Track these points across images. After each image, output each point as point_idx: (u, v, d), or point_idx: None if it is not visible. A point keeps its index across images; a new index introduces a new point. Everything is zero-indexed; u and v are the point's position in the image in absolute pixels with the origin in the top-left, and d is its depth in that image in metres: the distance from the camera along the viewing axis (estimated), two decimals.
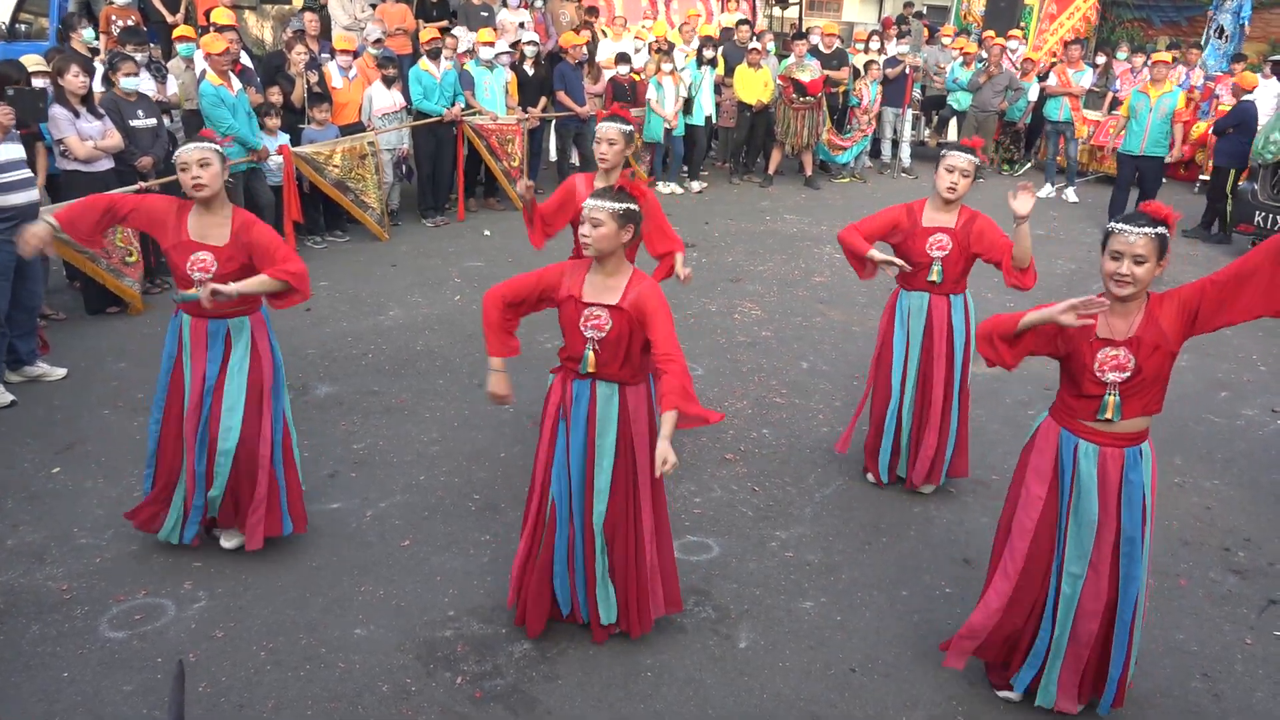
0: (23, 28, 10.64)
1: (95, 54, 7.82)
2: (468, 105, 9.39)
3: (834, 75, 11.66)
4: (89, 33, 7.72)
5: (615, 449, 3.33)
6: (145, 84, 7.11)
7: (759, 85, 11.08)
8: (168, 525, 3.95)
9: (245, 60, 8.39)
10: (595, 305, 3.21)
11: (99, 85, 6.87)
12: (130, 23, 8.67)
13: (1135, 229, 2.83)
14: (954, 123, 12.35)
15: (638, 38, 11.82)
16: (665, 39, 11.32)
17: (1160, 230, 2.84)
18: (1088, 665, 3.19)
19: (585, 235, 3.16)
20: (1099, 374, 2.93)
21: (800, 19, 17.79)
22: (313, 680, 3.37)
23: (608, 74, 10.77)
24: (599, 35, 11.77)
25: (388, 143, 8.87)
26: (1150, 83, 9.39)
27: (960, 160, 4.21)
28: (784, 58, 11.81)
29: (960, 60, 12.26)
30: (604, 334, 3.22)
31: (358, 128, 8.75)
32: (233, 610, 3.71)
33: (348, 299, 7.25)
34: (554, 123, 10.58)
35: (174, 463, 3.92)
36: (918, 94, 12.91)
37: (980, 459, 4.92)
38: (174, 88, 7.84)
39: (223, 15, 8.45)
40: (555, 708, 3.28)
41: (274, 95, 8.21)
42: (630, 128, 4.51)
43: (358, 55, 9.11)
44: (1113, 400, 2.94)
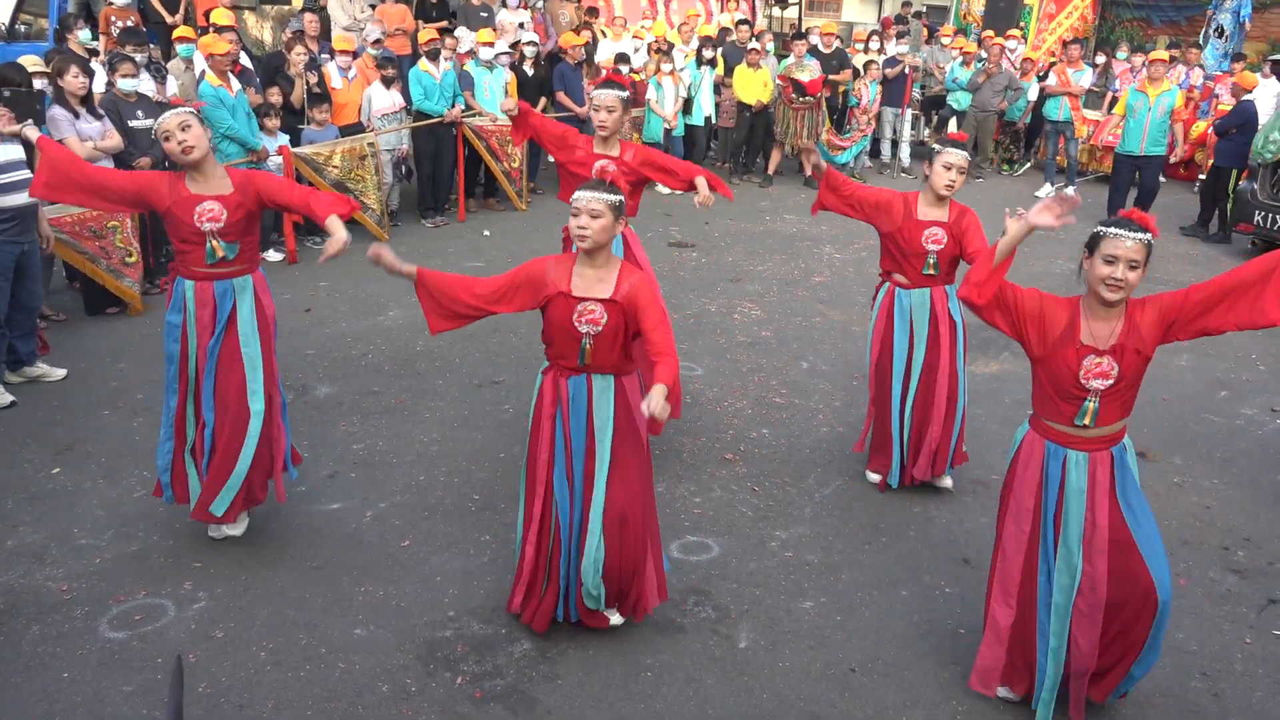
0: (22, 28, 10.65)
1: (92, 55, 7.82)
2: (467, 106, 9.39)
3: (837, 79, 11.67)
4: (85, 34, 7.72)
5: (612, 439, 3.30)
6: (145, 85, 7.12)
7: (758, 85, 11.08)
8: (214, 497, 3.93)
9: (245, 61, 8.40)
10: (588, 300, 3.18)
11: (99, 86, 6.88)
12: (129, 23, 8.68)
13: (1130, 234, 2.84)
14: (954, 122, 12.34)
15: (635, 37, 11.82)
16: (664, 39, 11.32)
17: (1149, 237, 2.87)
18: (1103, 668, 3.14)
19: (584, 228, 3.12)
20: (1084, 381, 2.93)
21: (800, 19, 17.80)
22: (313, 680, 3.37)
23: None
24: (599, 36, 11.77)
25: (387, 143, 8.87)
26: (1148, 81, 9.35)
27: (958, 158, 4.26)
28: (783, 58, 11.81)
29: (960, 60, 12.27)
30: (599, 328, 3.18)
31: (357, 128, 8.75)
32: (233, 610, 3.71)
33: (347, 299, 7.25)
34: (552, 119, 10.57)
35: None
36: (917, 94, 12.92)
37: (980, 459, 4.93)
38: (174, 88, 7.84)
39: (222, 16, 8.46)
40: (555, 708, 3.28)
41: (274, 96, 8.21)
42: (627, 93, 4.54)
43: (357, 56, 9.12)
44: (1092, 406, 2.96)
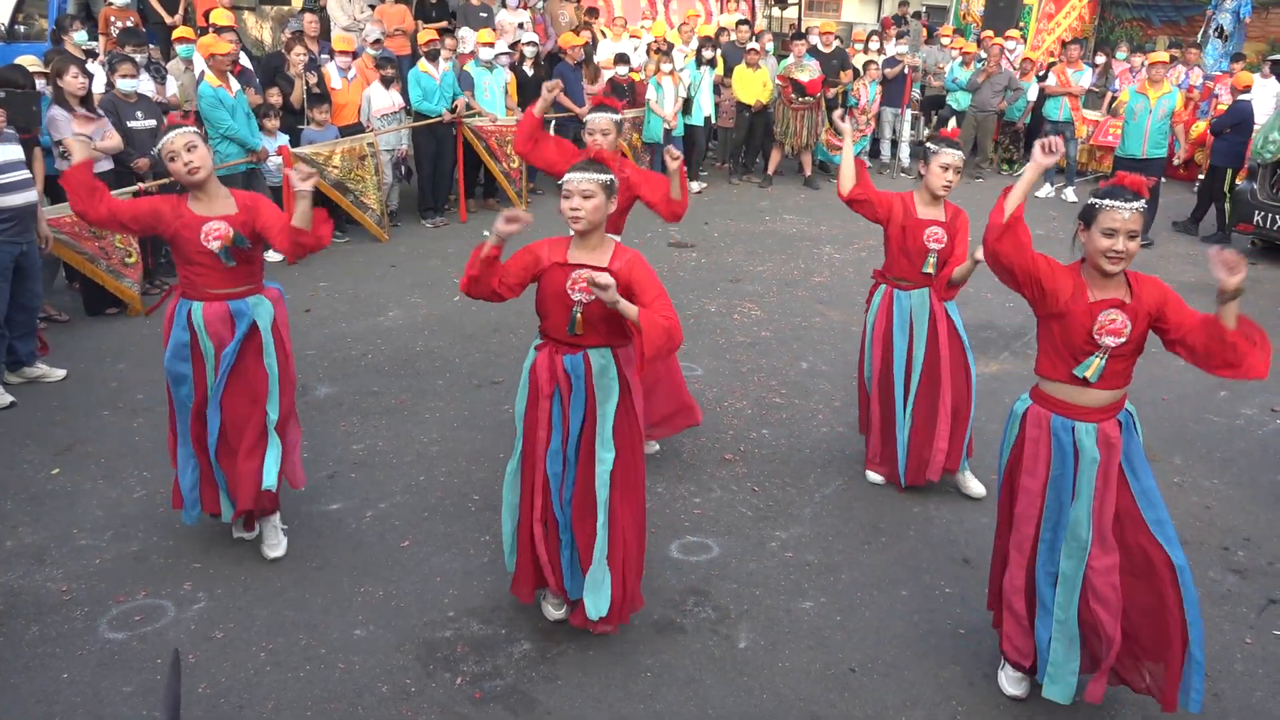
0: (21, 29, 10.65)
1: (89, 56, 7.82)
2: (468, 106, 9.39)
3: (838, 80, 11.66)
4: (81, 35, 7.70)
5: (616, 413, 3.28)
6: (145, 85, 7.12)
7: (757, 85, 11.09)
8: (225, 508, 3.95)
9: (244, 61, 8.40)
10: (583, 267, 3.13)
11: (99, 87, 6.88)
12: (129, 24, 8.68)
13: (1127, 204, 2.84)
14: (953, 123, 12.35)
15: (633, 36, 11.82)
16: (664, 39, 11.33)
17: (1144, 203, 2.88)
18: (1131, 650, 3.10)
19: (576, 208, 3.10)
20: (1097, 335, 2.92)
21: (799, 19, 17.80)
22: (312, 681, 3.37)
23: (606, 74, 10.77)
24: (598, 36, 11.78)
25: (386, 143, 8.87)
26: (1148, 83, 9.28)
27: (954, 158, 4.29)
28: (783, 58, 11.82)
29: (959, 60, 12.27)
30: (593, 296, 3.11)
31: (357, 129, 8.75)
32: (232, 611, 3.71)
33: (347, 300, 7.25)
34: (553, 123, 10.58)
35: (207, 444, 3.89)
36: (917, 94, 12.92)
37: (980, 459, 4.92)
38: (173, 89, 7.85)
39: (222, 16, 8.46)
40: (555, 708, 3.28)
41: (273, 96, 8.21)
42: (620, 116, 4.53)
43: (356, 56, 9.12)
44: (1098, 362, 2.94)
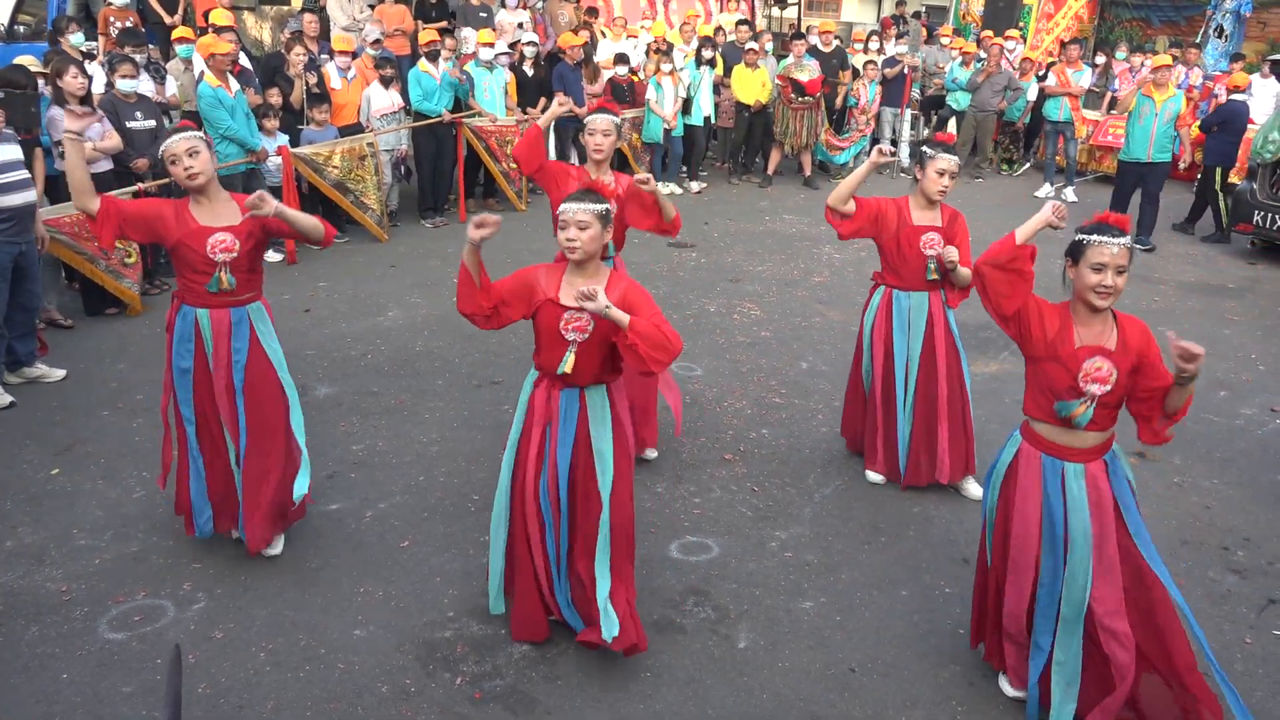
0: (21, 29, 10.64)
1: (86, 57, 7.82)
2: (466, 105, 9.40)
3: (838, 80, 11.67)
4: (78, 37, 7.70)
5: (614, 450, 3.29)
6: (144, 85, 7.12)
7: (756, 85, 11.08)
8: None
9: (244, 61, 8.40)
10: (575, 309, 3.14)
11: (98, 87, 6.88)
12: (128, 24, 8.67)
13: (1115, 240, 2.87)
14: (953, 123, 12.36)
15: (630, 36, 11.81)
16: (664, 39, 11.32)
17: (1130, 240, 2.91)
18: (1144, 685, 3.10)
19: (572, 239, 3.10)
20: (1082, 384, 2.94)
21: (799, 19, 17.80)
22: (312, 681, 3.37)
23: (606, 74, 10.77)
24: (598, 36, 11.77)
25: (386, 144, 8.87)
26: (1153, 86, 9.05)
27: (950, 163, 4.29)
28: (782, 58, 11.82)
29: (959, 60, 12.27)
30: (586, 335, 3.16)
31: (356, 129, 8.75)
32: (232, 611, 3.71)
33: (347, 300, 7.25)
34: (553, 123, 10.57)
35: (221, 456, 3.89)
36: (916, 94, 12.93)
37: (980, 459, 4.91)
38: (173, 89, 7.85)
39: (221, 16, 8.46)
40: (555, 708, 3.28)
41: (273, 96, 8.21)
42: (619, 119, 4.53)
43: (356, 56, 9.12)
44: (1082, 409, 2.95)
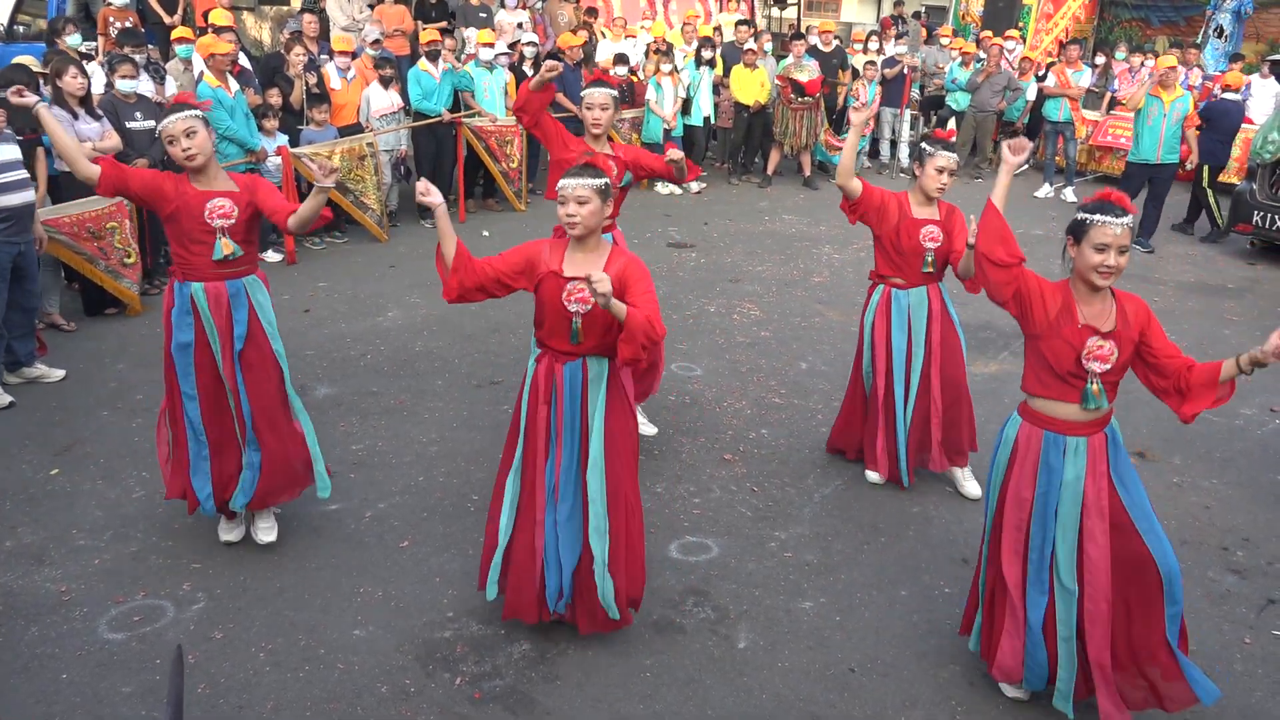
0: (21, 29, 10.64)
1: (84, 58, 7.81)
2: (466, 104, 9.40)
3: (837, 80, 11.67)
4: (75, 38, 7.69)
5: (604, 421, 3.29)
6: (144, 85, 7.12)
7: (755, 86, 11.08)
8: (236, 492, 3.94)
9: (243, 61, 8.39)
10: (578, 279, 3.16)
11: (98, 87, 6.88)
12: (128, 24, 8.67)
13: (1117, 219, 2.89)
14: (953, 123, 12.36)
15: (629, 36, 11.80)
16: (664, 39, 11.33)
17: (1132, 219, 2.93)
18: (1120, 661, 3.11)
19: (572, 214, 3.13)
20: (1085, 362, 2.95)
21: (799, 19, 17.80)
22: (312, 681, 3.37)
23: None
24: (598, 36, 11.77)
25: (386, 144, 8.87)
26: (1160, 87, 8.94)
27: (949, 161, 4.31)
28: (782, 58, 11.82)
29: (959, 60, 12.28)
30: (589, 307, 3.17)
31: (356, 129, 8.75)
32: (231, 611, 3.71)
33: (346, 300, 7.25)
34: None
35: (226, 430, 3.88)
36: (916, 94, 12.93)
37: (979, 459, 4.92)
38: (172, 89, 7.84)
39: (221, 16, 8.46)
40: (554, 708, 3.28)
41: (273, 97, 8.21)
42: (616, 92, 4.57)
43: (355, 56, 9.12)
44: (1096, 388, 2.98)
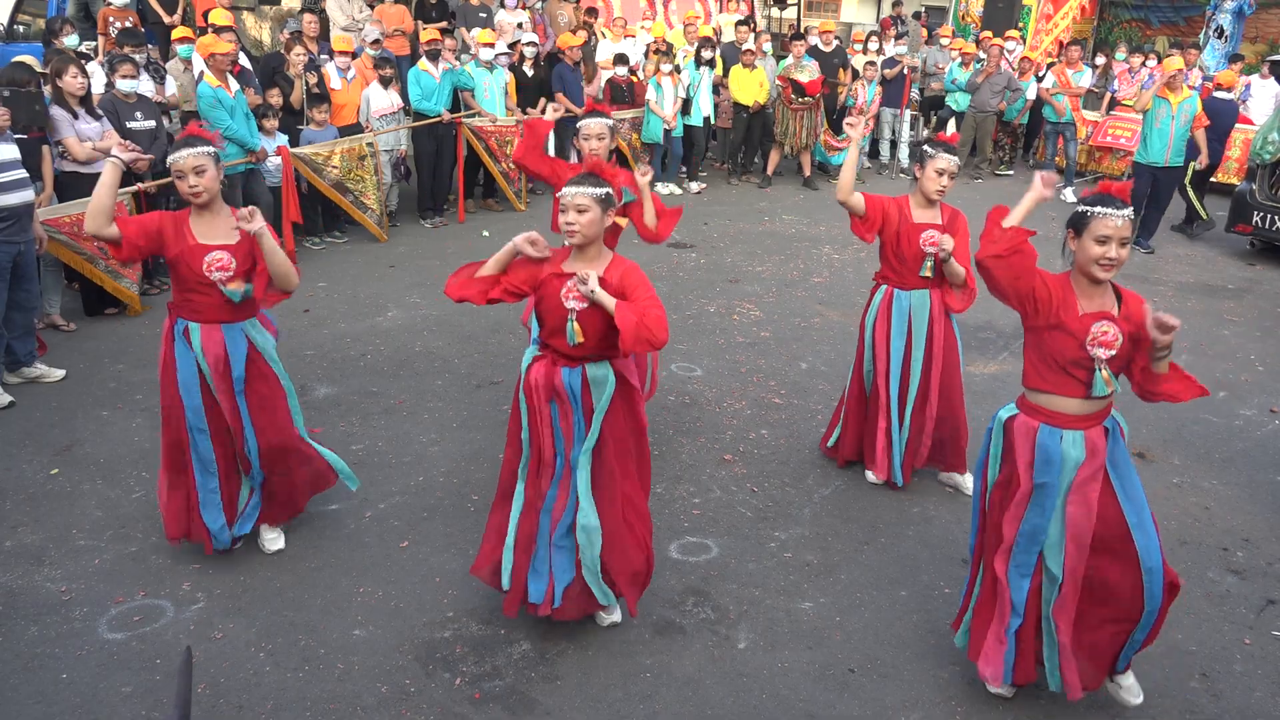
0: (21, 29, 10.64)
1: (82, 58, 7.80)
2: (466, 104, 9.40)
3: (837, 80, 11.67)
4: (72, 39, 7.69)
5: (603, 421, 3.31)
6: (144, 85, 7.11)
7: (754, 86, 11.07)
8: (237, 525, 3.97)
9: (243, 61, 8.39)
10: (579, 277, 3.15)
11: (98, 87, 6.88)
12: (128, 24, 8.67)
13: (1119, 211, 2.89)
14: (952, 123, 12.36)
15: (628, 36, 11.80)
16: (664, 39, 11.32)
17: (1132, 211, 2.92)
18: (1094, 646, 3.17)
19: (571, 223, 3.12)
20: (1089, 348, 2.94)
21: (799, 20, 17.80)
22: (311, 681, 3.37)
23: (605, 74, 10.77)
24: (598, 36, 11.77)
25: (386, 144, 8.87)
26: (1168, 90, 8.81)
27: (949, 162, 4.31)
28: (782, 58, 11.82)
29: (959, 61, 12.28)
30: (586, 304, 3.16)
31: (356, 129, 8.75)
32: (231, 611, 3.71)
33: (346, 300, 7.25)
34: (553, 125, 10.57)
35: (230, 461, 3.91)
36: (916, 95, 12.93)
37: (974, 459, 4.92)
38: (173, 89, 7.84)
39: (221, 16, 8.45)
40: (554, 708, 3.28)
41: (273, 97, 8.21)
42: (613, 122, 4.53)
43: (355, 56, 9.11)
44: (1106, 374, 2.96)
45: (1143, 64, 12.24)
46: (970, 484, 4.73)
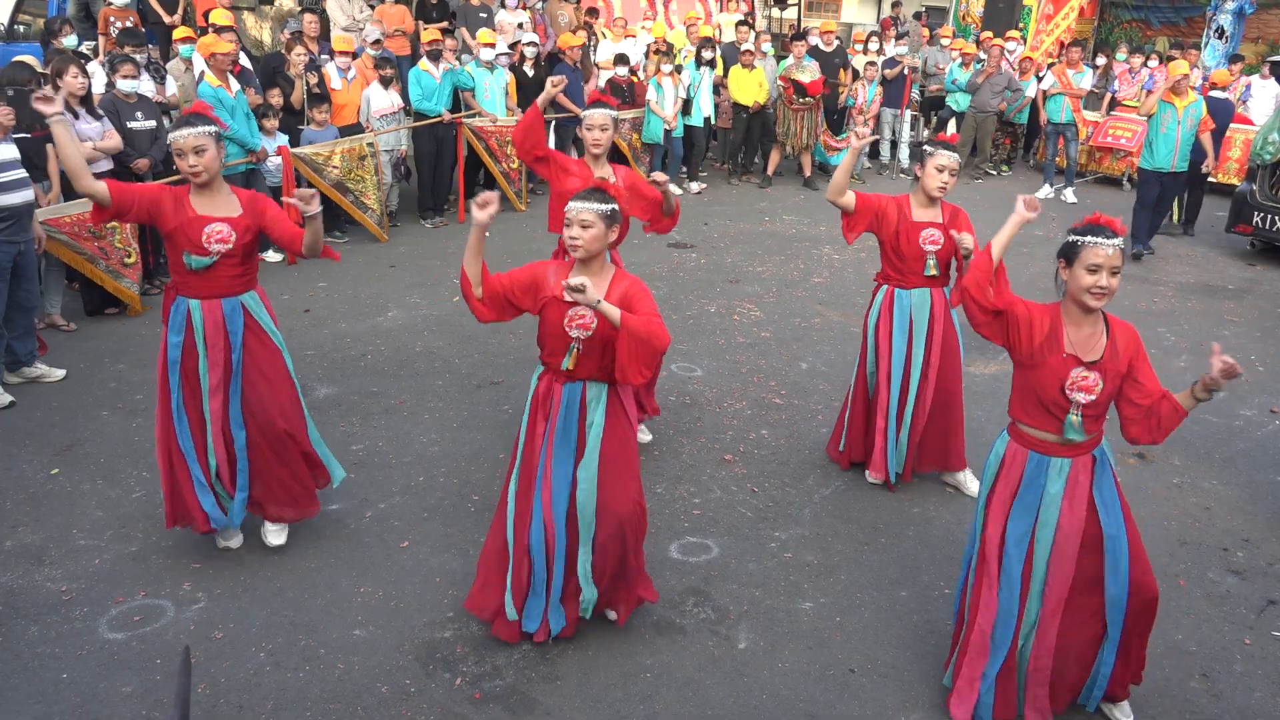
0: (21, 29, 10.64)
1: (81, 58, 7.80)
2: (466, 104, 9.41)
3: (838, 80, 11.67)
4: (71, 40, 7.69)
5: (602, 438, 3.31)
6: (145, 85, 7.11)
7: (753, 86, 11.07)
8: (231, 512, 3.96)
9: (244, 61, 8.39)
10: (578, 307, 3.17)
11: (99, 87, 6.88)
12: (128, 24, 8.67)
13: (1109, 241, 2.88)
14: (953, 123, 12.36)
15: (629, 36, 11.80)
16: (664, 40, 11.32)
17: (1122, 241, 2.92)
18: (1062, 675, 3.18)
19: (575, 238, 3.13)
20: (1068, 392, 2.95)
21: (799, 20, 17.81)
22: (311, 681, 3.37)
23: (605, 74, 10.77)
24: (598, 36, 11.77)
25: (386, 144, 8.87)
26: (1173, 94, 8.65)
27: (950, 160, 4.31)
28: (782, 59, 11.82)
29: (959, 61, 12.28)
30: (589, 333, 3.19)
31: (356, 129, 8.75)
32: (231, 611, 3.71)
33: (347, 300, 7.25)
34: (553, 123, 10.58)
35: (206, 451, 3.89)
36: (916, 95, 12.93)
37: (978, 459, 4.92)
38: (173, 89, 7.84)
39: (221, 16, 8.45)
40: (554, 708, 3.28)
41: (274, 97, 8.21)
42: (616, 113, 4.58)
43: (356, 56, 9.12)
44: (1076, 420, 2.97)
45: (1143, 64, 12.24)
46: (972, 482, 4.73)
